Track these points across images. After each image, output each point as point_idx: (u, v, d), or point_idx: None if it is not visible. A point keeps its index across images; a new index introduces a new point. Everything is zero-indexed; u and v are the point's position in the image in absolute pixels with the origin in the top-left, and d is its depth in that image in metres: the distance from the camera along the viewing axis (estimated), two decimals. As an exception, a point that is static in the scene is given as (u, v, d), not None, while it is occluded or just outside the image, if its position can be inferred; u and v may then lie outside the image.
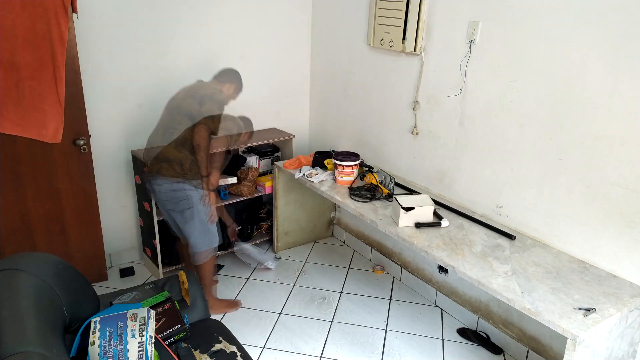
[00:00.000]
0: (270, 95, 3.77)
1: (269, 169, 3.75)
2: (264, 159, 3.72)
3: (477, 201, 2.79)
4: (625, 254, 2.19)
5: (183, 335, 2.06)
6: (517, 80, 2.45)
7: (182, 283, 2.34)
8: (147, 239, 3.35)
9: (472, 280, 2.18)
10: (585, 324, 1.88)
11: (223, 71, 3.00)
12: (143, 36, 3.09)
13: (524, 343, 2.68)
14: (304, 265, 3.59)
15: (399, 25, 2.96)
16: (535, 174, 2.47)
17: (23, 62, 2.56)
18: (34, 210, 2.89)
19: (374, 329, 2.93)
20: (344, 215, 3.90)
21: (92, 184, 3.03)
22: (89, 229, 3.11)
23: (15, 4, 2.47)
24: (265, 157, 3.73)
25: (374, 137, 3.43)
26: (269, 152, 3.74)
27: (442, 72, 2.83)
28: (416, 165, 3.14)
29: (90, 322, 1.79)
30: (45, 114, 2.69)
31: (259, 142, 3.53)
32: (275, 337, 2.84)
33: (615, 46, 2.06)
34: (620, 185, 2.14)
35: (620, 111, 2.09)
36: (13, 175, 2.77)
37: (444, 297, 3.10)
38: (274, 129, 3.81)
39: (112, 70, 3.05)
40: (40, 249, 2.96)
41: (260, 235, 3.77)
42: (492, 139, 2.63)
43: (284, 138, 3.65)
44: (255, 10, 3.47)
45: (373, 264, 3.63)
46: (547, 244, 2.47)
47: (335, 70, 3.65)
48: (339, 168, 3.11)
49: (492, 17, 2.51)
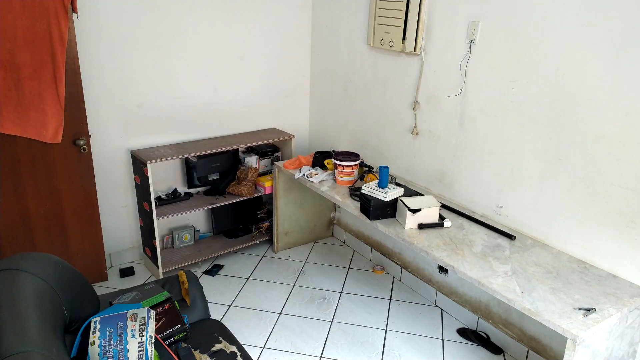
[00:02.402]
0: (270, 95, 3.77)
1: (268, 169, 3.76)
2: (263, 159, 3.73)
3: (477, 201, 2.79)
4: (625, 254, 2.19)
5: (183, 335, 2.06)
6: (517, 80, 2.45)
7: (182, 283, 2.34)
8: (146, 239, 3.35)
9: (472, 280, 2.18)
10: (585, 324, 1.88)
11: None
12: (143, 36, 3.09)
13: (524, 343, 2.68)
14: (304, 265, 3.59)
15: (399, 25, 2.96)
16: (535, 174, 2.47)
17: (23, 62, 2.57)
18: (34, 210, 2.89)
19: (374, 329, 2.93)
20: (344, 215, 3.90)
21: (92, 184, 3.03)
22: (89, 229, 3.11)
23: (15, 4, 2.47)
24: (265, 157, 3.73)
25: (374, 137, 3.43)
26: (268, 152, 3.74)
27: (442, 72, 2.83)
28: (416, 165, 3.14)
29: (90, 322, 1.79)
30: (45, 114, 2.70)
31: (259, 142, 3.53)
32: (275, 337, 2.84)
33: (615, 46, 2.06)
34: (620, 185, 2.14)
35: (620, 111, 2.09)
36: (13, 175, 2.77)
37: (444, 297, 3.10)
38: (274, 129, 3.81)
39: (112, 70, 3.05)
40: (40, 249, 2.96)
41: (260, 235, 3.78)
42: (492, 139, 2.63)
43: (283, 138, 3.65)
44: (255, 11, 3.47)
45: (373, 264, 3.63)
46: (547, 244, 2.47)
47: (335, 70, 3.65)
48: (339, 168, 3.11)
49: (492, 17, 2.51)
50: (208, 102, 3.46)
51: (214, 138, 3.51)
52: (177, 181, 3.51)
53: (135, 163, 3.20)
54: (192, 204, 3.40)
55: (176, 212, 3.29)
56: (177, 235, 3.56)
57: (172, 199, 3.39)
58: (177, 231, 3.55)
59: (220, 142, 3.42)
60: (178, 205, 3.37)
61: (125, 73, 3.10)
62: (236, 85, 3.56)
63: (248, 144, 3.45)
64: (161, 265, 3.27)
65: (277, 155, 3.79)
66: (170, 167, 3.45)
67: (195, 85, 3.38)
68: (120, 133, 3.20)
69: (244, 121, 3.68)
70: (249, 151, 3.72)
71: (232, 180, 3.60)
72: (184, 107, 3.38)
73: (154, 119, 3.26)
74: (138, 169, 3.16)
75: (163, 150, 3.22)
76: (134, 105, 3.20)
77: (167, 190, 3.47)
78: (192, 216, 3.66)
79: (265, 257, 3.68)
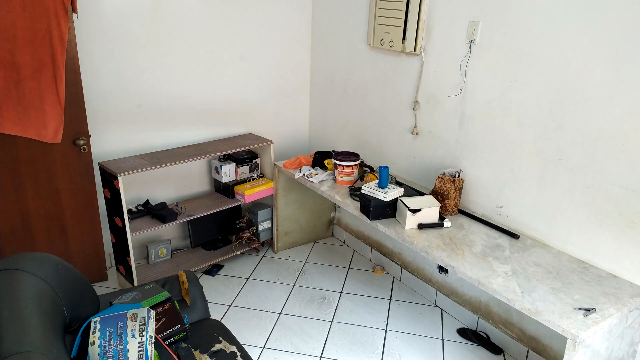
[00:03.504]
0: (270, 95, 3.77)
1: (247, 176, 3.57)
2: (241, 166, 3.52)
3: (477, 201, 2.79)
4: (625, 254, 2.19)
5: (183, 335, 2.06)
6: (517, 80, 2.45)
7: (182, 283, 2.34)
8: (119, 256, 3.13)
9: (472, 280, 2.18)
10: (585, 324, 1.88)
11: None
12: (143, 36, 3.09)
13: (524, 343, 2.68)
14: (304, 265, 3.59)
15: (399, 25, 2.96)
16: (535, 174, 2.47)
17: (23, 62, 2.57)
18: (34, 210, 2.89)
19: (374, 329, 2.93)
20: (344, 215, 3.90)
21: (92, 184, 3.03)
22: (89, 229, 3.11)
23: (15, 4, 2.47)
24: (243, 164, 3.52)
25: (374, 137, 3.43)
26: (246, 159, 3.53)
27: (442, 72, 2.83)
28: (416, 165, 3.14)
29: (90, 322, 1.79)
30: (45, 114, 2.70)
31: (235, 150, 3.34)
32: (275, 337, 2.84)
33: (615, 46, 2.06)
34: (620, 185, 2.14)
35: (620, 111, 2.09)
36: (13, 175, 2.77)
37: (444, 297, 3.10)
38: (251, 135, 3.64)
39: (112, 70, 3.05)
40: (40, 249, 2.96)
41: (240, 246, 3.62)
42: (492, 139, 2.63)
43: (262, 144, 3.45)
44: (256, 11, 3.47)
45: (373, 264, 3.63)
46: (547, 244, 2.47)
47: (335, 70, 3.65)
48: (339, 168, 3.11)
49: (492, 17, 2.51)
50: (208, 102, 3.46)
51: (188, 146, 3.34)
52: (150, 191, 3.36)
53: (104, 176, 2.98)
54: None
55: (152, 226, 3.07)
56: (152, 250, 3.34)
57: (144, 212, 3.18)
58: (153, 245, 3.34)
59: (196, 150, 3.25)
60: (152, 219, 3.16)
61: (125, 73, 3.10)
62: (236, 85, 3.56)
63: (224, 151, 3.27)
64: (137, 283, 3.07)
65: (256, 162, 3.59)
66: (141, 176, 3.30)
67: (196, 85, 3.38)
68: (120, 133, 3.20)
69: (244, 121, 3.68)
70: (225, 159, 3.51)
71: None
72: (184, 107, 3.38)
73: (154, 119, 3.26)
74: (107, 182, 2.95)
75: (135, 161, 3.02)
76: (134, 105, 3.20)
77: (138, 201, 3.32)
78: (167, 228, 3.44)
79: (265, 257, 3.68)
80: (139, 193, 3.35)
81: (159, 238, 3.50)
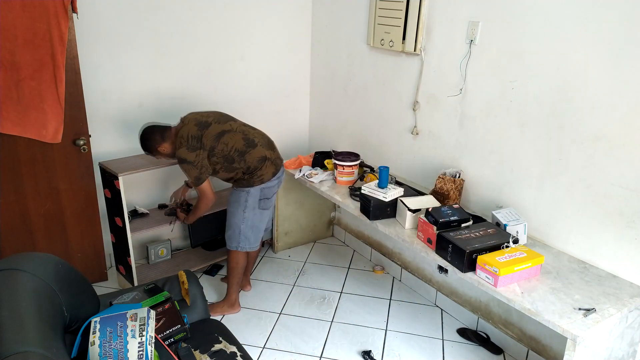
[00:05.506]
0: (270, 95, 3.77)
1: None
2: None
3: (477, 201, 2.79)
4: (625, 254, 2.19)
5: (183, 335, 2.07)
6: (517, 80, 2.45)
7: (182, 283, 2.34)
8: (120, 256, 3.14)
9: (472, 280, 2.18)
10: (585, 324, 1.88)
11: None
12: (143, 36, 3.09)
13: (524, 343, 2.68)
14: (304, 265, 3.59)
15: (399, 25, 2.96)
16: (535, 174, 2.47)
17: (23, 62, 2.57)
18: (34, 210, 2.89)
19: (374, 329, 2.93)
20: (344, 215, 3.90)
21: (92, 184, 3.03)
22: (89, 229, 3.11)
23: (15, 4, 2.47)
24: None
25: (374, 137, 3.43)
26: None
27: (442, 72, 2.83)
28: (416, 165, 3.14)
29: (90, 322, 1.79)
30: (45, 114, 2.70)
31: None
32: (275, 337, 2.84)
33: (615, 46, 2.06)
34: (620, 185, 2.14)
35: (620, 111, 2.09)
36: (13, 175, 2.77)
37: (444, 297, 3.10)
38: None
39: (112, 70, 3.05)
40: (40, 249, 2.96)
41: None
42: (492, 139, 2.63)
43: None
44: (256, 11, 3.47)
45: (373, 264, 3.63)
46: (547, 244, 2.47)
47: (335, 70, 3.65)
48: (339, 168, 3.11)
49: (492, 17, 2.51)
50: (208, 102, 3.46)
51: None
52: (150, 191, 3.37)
53: (104, 176, 2.98)
54: (166, 217, 3.19)
55: (152, 226, 3.09)
56: (152, 250, 3.33)
57: (145, 213, 3.22)
58: (153, 245, 3.33)
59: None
60: (153, 218, 3.18)
61: (125, 73, 3.10)
62: (236, 85, 3.56)
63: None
64: (137, 283, 3.06)
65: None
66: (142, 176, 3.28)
67: (196, 85, 3.38)
68: (120, 133, 3.20)
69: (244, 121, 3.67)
70: None
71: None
72: (184, 107, 3.37)
73: (154, 119, 3.25)
74: (108, 182, 2.94)
75: (135, 161, 3.02)
76: (134, 105, 3.20)
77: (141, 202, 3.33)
78: (167, 228, 3.32)
79: (265, 257, 3.68)
80: (139, 193, 3.35)
81: (159, 238, 3.49)
